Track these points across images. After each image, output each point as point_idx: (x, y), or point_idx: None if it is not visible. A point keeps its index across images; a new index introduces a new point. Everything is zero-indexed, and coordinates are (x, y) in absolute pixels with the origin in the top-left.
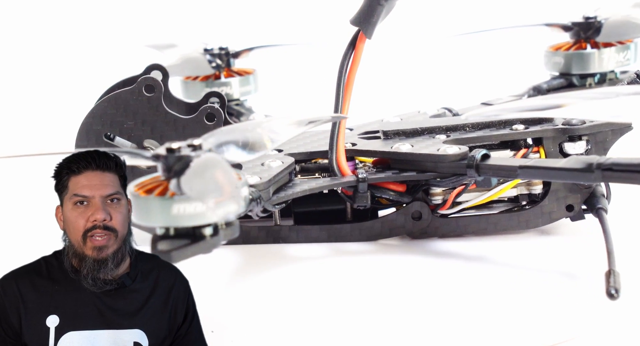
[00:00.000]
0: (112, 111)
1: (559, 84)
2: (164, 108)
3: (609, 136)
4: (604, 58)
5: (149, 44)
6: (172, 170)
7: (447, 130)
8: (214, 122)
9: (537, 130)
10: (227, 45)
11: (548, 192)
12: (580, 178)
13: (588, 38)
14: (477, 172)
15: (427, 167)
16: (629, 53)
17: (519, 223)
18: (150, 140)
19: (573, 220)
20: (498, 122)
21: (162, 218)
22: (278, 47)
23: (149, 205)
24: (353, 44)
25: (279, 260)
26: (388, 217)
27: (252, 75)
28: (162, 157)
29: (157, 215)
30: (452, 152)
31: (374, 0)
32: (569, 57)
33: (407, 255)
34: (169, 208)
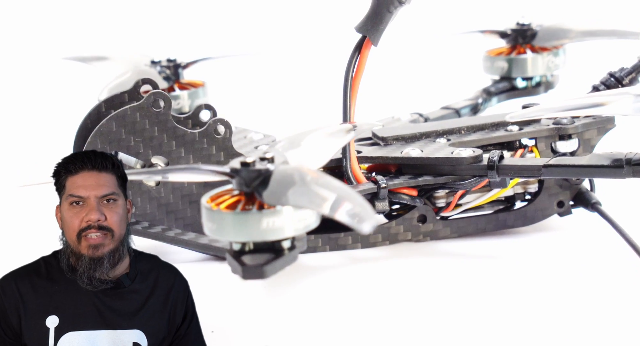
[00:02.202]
0: (118, 129)
1: (505, 87)
2: (172, 123)
3: (594, 134)
4: (543, 62)
5: (70, 56)
6: (252, 183)
7: (445, 134)
8: (224, 134)
9: (532, 131)
10: (175, 57)
11: (541, 189)
12: (609, 174)
13: (525, 43)
14: (497, 173)
15: (444, 171)
16: (561, 57)
17: (515, 221)
18: (158, 157)
19: (561, 215)
20: (491, 124)
21: (250, 232)
22: (225, 58)
23: (235, 220)
24: (358, 50)
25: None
26: (392, 223)
27: (202, 88)
28: (240, 171)
29: (244, 229)
30: (467, 155)
31: (383, 8)
32: (511, 62)
33: (412, 259)
34: (258, 222)
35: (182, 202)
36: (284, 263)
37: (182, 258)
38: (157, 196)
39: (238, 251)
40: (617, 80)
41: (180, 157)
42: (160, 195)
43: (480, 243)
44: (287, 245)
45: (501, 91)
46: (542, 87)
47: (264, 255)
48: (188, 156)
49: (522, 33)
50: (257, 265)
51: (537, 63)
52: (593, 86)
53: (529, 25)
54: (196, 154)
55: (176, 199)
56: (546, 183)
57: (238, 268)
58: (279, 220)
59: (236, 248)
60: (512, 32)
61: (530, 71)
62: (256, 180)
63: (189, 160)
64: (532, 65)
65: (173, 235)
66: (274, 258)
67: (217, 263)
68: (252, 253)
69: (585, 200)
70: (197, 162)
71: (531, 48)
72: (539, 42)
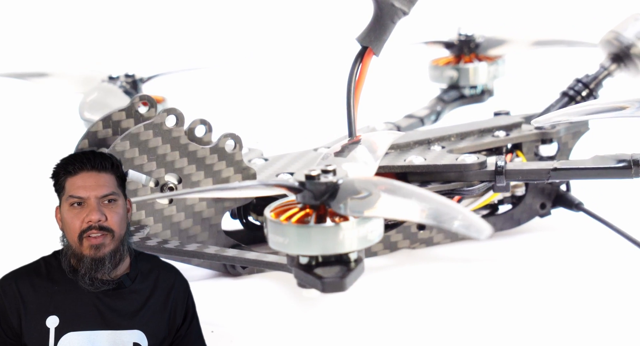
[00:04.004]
0: (131, 148)
1: (455, 95)
2: (185, 138)
3: (570, 138)
4: (488, 71)
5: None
6: (322, 197)
7: (436, 141)
8: (235, 148)
9: (519, 136)
10: (134, 73)
11: (527, 193)
12: (618, 175)
13: (470, 53)
14: (505, 177)
15: (451, 177)
16: (502, 66)
17: (504, 223)
18: (171, 174)
19: (542, 216)
20: (478, 130)
21: (326, 245)
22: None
23: (311, 233)
24: (360, 61)
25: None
26: (392, 231)
27: (163, 103)
28: (308, 185)
29: (319, 242)
30: (473, 161)
31: (387, 19)
32: (460, 71)
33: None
34: (335, 235)
35: (194, 221)
36: (357, 274)
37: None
38: (170, 214)
39: (306, 264)
40: (585, 85)
41: (192, 173)
42: (172, 213)
43: (473, 247)
44: (354, 257)
45: (453, 99)
46: (486, 95)
47: (335, 267)
48: (200, 172)
49: (467, 43)
50: (336, 278)
51: (484, 72)
52: (562, 92)
53: (472, 36)
54: (208, 171)
55: (188, 217)
56: (530, 186)
57: (314, 282)
58: (354, 232)
59: (303, 262)
60: (458, 42)
61: (478, 80)
62: (326, 193)
63: (200, 177)
64: (480, 74)
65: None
66: (347, 270)
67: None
68: (322, 266)
69: (568, 202)
70: (207, 178)
71: (476, 57)
72: (482, 51)
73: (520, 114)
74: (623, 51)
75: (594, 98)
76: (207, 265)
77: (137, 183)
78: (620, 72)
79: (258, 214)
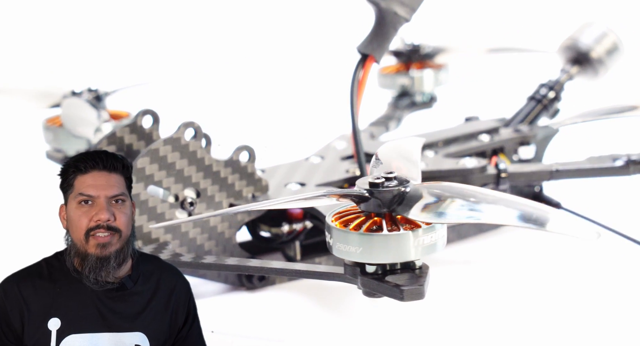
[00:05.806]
0: (151, 164)
1: (407, 102)
2: (203, 151)
3: (541, 141)
4: (436, 78)
5: None
6: (391, 204)
7: (426, 147)
8: (249, 159)
9: (502, 139)
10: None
11: None
12: (615, 174)
13: (417, 61)
14: (508, 180)
15: (455, 181)
16: (446, 74)
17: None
18: (190, 189)
19: None
20: (462, 135)
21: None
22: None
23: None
24: (361, 68)
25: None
26: None
27: (128, 118)
28: (378, 193)
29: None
30: (474, 165)
31: (390, 27)
32: (413, 79)
33: None
34: (407, 242)
35: (210, 237)
36: (429, 281)
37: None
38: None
39: (374, 273)
40: (550, 88)
41: (207, 187)
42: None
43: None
44: (419, 264)
45: (405, 106)
46: (432, 101)
47: (404, 275)
48: (214, 186)
49: (414, 52)
50: (416, 286)
51: (433, 79)
52: (529, 97)
53: (419, 45)
54: (223, 184)
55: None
56: (513, 188)
57: (392, 291)
58: (423, 239)
59: (370, 270)
60: (406, 51)
61: (428, 87)
62: (394, 201)
63: (214, 191)
64: (430, 82)
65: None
66: (418, 277)
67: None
68: (392, 274)
69: (546, 201)
70: (222, 192)
71: (423, 65)
72: (429, 59)
73: (491, 119)
74: (583, 55)
75: (558, 101)
76: (222, 279)
77: (156, 198)
78: (579, 76)
79: (270, 226)
